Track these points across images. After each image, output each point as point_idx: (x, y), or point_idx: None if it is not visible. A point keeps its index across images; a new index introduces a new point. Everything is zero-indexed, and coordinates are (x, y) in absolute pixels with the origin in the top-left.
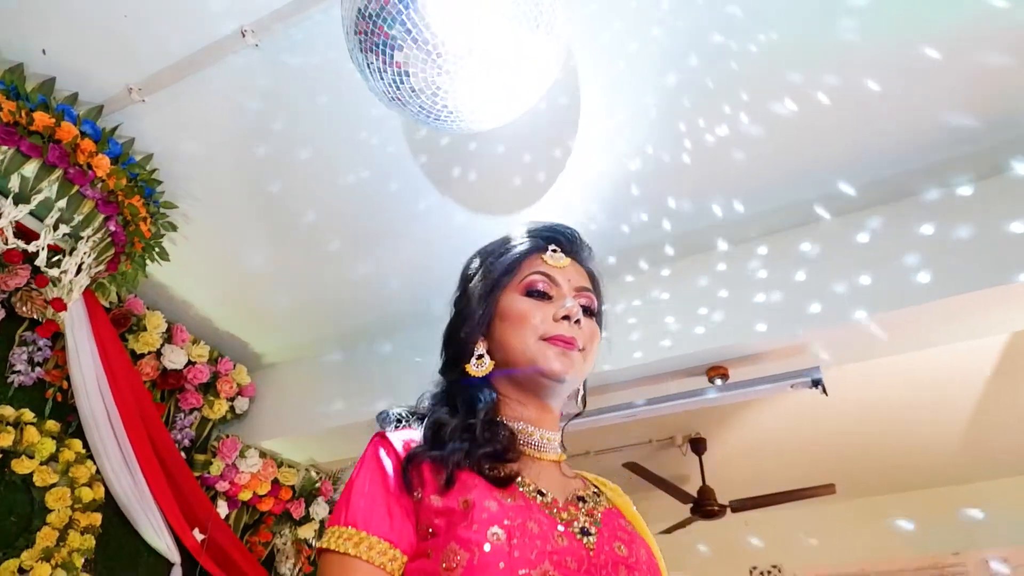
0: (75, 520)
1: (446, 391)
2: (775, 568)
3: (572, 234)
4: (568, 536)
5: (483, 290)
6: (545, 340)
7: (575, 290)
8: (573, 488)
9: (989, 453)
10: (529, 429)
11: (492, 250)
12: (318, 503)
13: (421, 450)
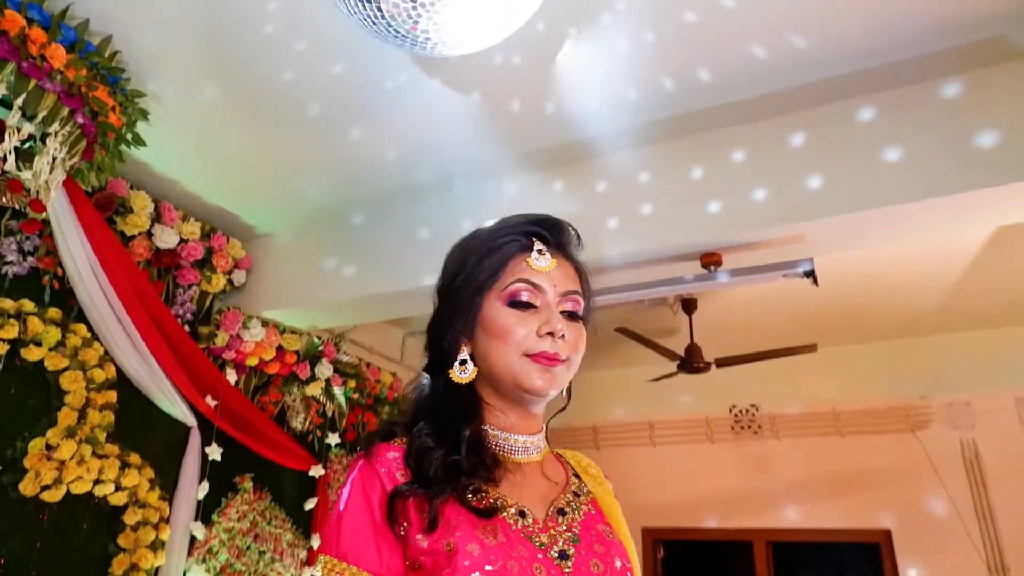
0: (92, 400)
1: (431, 397)
2: (753, 407)
3: (559, 227)
4: (545, 564)
5: (465, 296)
6: (528, 356)
7: (561, 296)
8: (554, 495)
9: (965, 308)
10: (513, 438)
11: (474, 249)
12: (322, 364)
13: (405, 488)
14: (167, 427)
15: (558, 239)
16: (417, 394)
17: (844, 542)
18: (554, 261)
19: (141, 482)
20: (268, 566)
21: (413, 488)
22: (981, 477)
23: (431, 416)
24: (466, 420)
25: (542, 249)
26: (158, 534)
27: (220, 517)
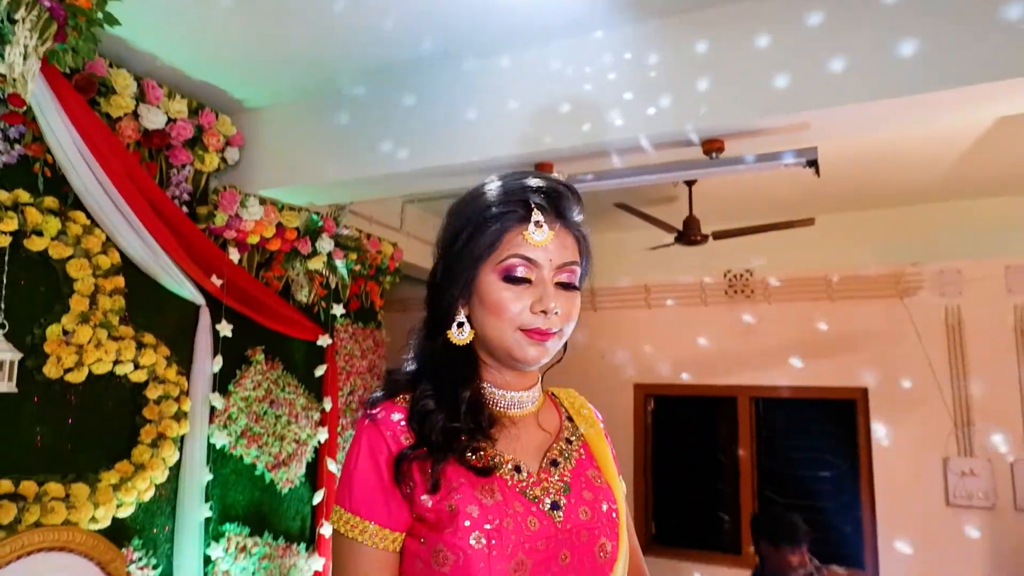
0: (100, 286)
1: (431, 356)
2: (747, 272)
3: (559, 195)
4: (538, 517)
5: (462, 264)
6: (522, 331)
7: (556, 268)
8: (548, 445)
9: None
10: (509, 394)
11: (473, 216)
12: (323, 239)
13: (409, 452)
14: (177, 307)
15: (558, 207)
16: (417, 350)
17: (823, 399)
18: (551, 233)
19: (158, 360)
20: (285, 428)
21: (416, 452)
22: (960, 341)
23: (431, 374)
24: (464, 381)
25: (539, 221)
26: (180, 406)
27: (236, 387)
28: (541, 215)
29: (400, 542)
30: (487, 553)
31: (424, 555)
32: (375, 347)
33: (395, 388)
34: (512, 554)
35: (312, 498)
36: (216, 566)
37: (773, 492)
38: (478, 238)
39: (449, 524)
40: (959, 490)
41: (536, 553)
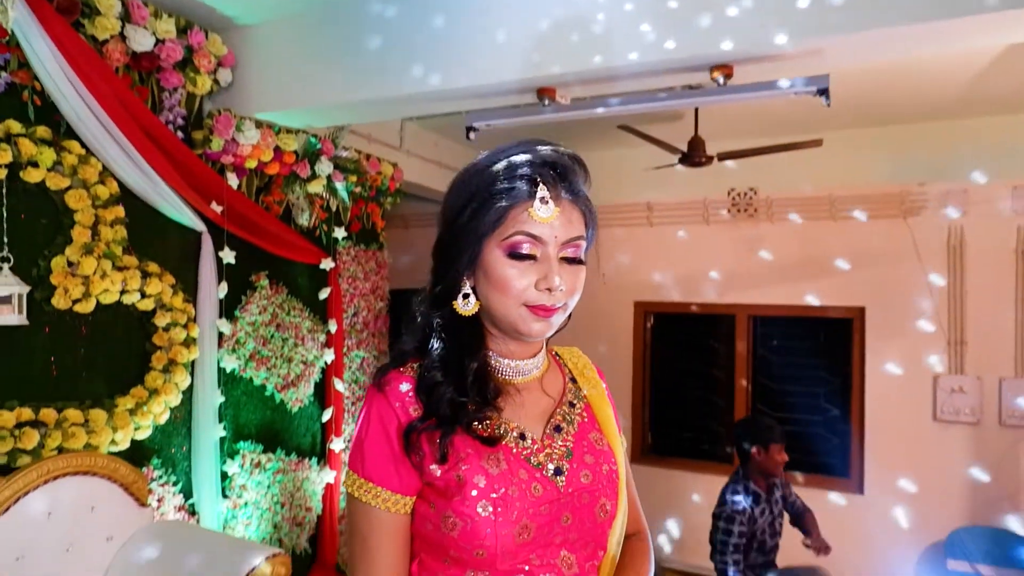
0: (101, 216)
1: (438, 325)
2: (751, 190)
3: (564, 168)
4: (542, 483)
5: (467, 238)
6: (527, 307)
7: (562, 244)
8: (552, 410)
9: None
10: (514, 363)
11: (478, 189)
12: (322, 161)
13: (418, 425)
14: (179, 235)
15: (565, 180)
16: (424, 318)
17: (820, 317)
18: (557, 209)
19: (164, 289)
20: (292, 350)
21: (425, 424)
22: (961, 261)
23: (438, 341)
24: (470, 352)
25: (545, 197)
26: (188, 333)
27: (242, 313)
28: (547, 190)
29: (411, 505)
30: (493, 520)
31: (434, 519)
32: (378, 269)
33: (402, 357)
34: (517, 519)
35: (321, 416)
36: (233, 481)
37: (765, 406)
38: (483, 214)
39: (457, 493)
40: (947, 406)
41: (540, 517)
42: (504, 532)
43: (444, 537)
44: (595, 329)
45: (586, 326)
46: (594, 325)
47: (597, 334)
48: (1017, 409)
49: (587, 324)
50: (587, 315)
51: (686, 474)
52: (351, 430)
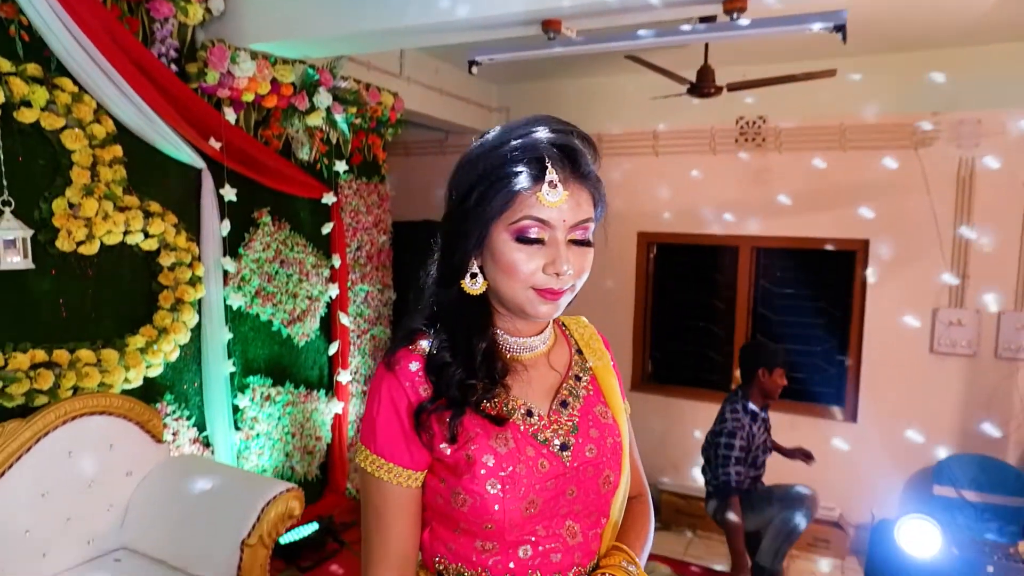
0: (99, 156)
1: (446, 304)
2: (760, 119)
3: (572, 150)
4: (548, 459)
5: (475, 220)
6: (535, 290)
7: (570, 228)
8: (558, 385)
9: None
10: (521, 341)
11: (486, 171)
12: (320, 93)
13: (428, 406)
14: (178, 172)
15: (573, 163)
16: (431, 295)
17: (824, 250)
18: (566, 193)
19: (167, 228)
20: (297, 286)
21: (435, 405)
22: (969, 193)
23: (446, 323)
24: (479, 332)
25: (554, 180)
26: (193, 271)
27: (246, 250)
28: (555, 174)
29: (421, 479)
30: (502, 497)
31: (444, 493)
32: (380, 202)
33: (411, 334)
34: (524, 495)
35: (328, 349)
36: (244, 414)
37: (764, 337)
38: (491, 197)
39: (467, 471)
40: (944, 339)
41: (546, 492)
42: (512, 507)
43: (454, 511)
44: (597, 259)
45: None
46: (597, 255)
47: (599, 264)
48: (1014, 342)
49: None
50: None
51: (684, 401)
52: (357, 362)
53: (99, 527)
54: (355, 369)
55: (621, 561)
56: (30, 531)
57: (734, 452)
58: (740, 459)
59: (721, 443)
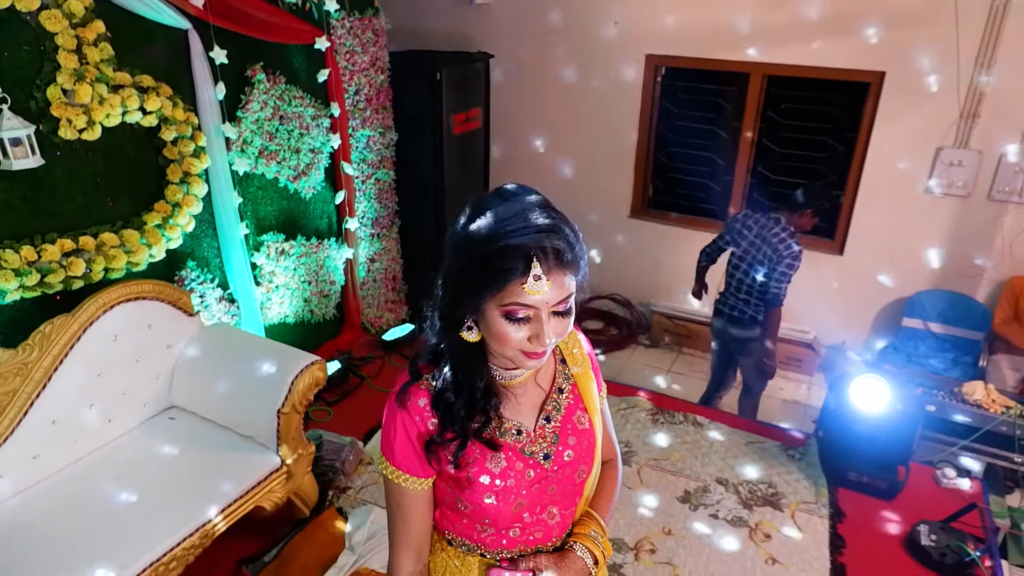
0: (83, 37)
1: (447, 348)
2: None
3: (556, 248)
4: (534, 468)
5: (469, 295)
6: (521, 352)
7: (552, 310)
8: (543, 401)
9: None
10: (512, 373)
11: (476, 259)
12: None
13: (437, 439)
14: (164, 38)
15: (556, 255)
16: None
17: (836, 80)
18: (549, 283)
19: (163, 102)
20: (299, 141)
21: (442, 439)
22: (999, 28)
23: (450, 363)
24: (477, 373)
25: (539, 275)
26: (195, 143)
27: (244, 112)
28: (540, 267)
29: (431, 482)
30: (496, 505)
31: (449, 498)
32: (375, 38)
33: (418, 372)
34: (514, 501)
35: (334, 198)
36: (262, 269)
37: (766, 169)
38: (483, 281)
39: (468, 487)
40: (942, 178)
41: (532, 494)
42: (504, 510)
43: (458, 510)
44: (604, 80)
45: (596, 76)
46: (603, 76)
47: (606, 86)
48: (1009, 184)
49: (597, 74)
50: (597, 66)
51: (680, 229)
52: (363, 207)
53: (151, 394)
54: (362, 214)
55: (590, 531)
56: (94, 404)
57: (792, 271)
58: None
59: (786, 262)
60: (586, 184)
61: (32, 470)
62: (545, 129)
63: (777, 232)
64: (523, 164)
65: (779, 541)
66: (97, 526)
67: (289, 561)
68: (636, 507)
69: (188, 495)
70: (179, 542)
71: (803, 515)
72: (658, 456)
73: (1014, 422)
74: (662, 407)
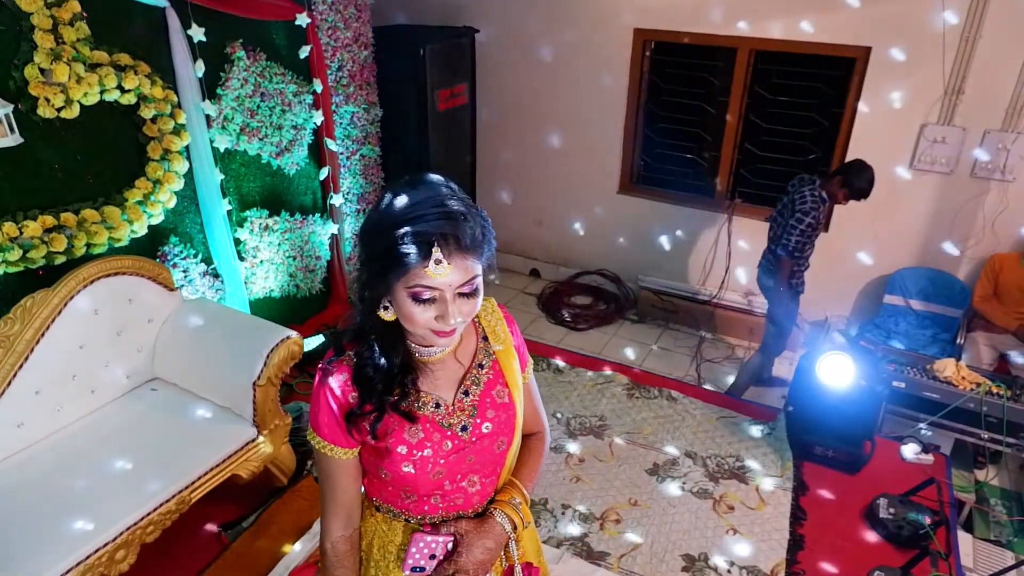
0: (58, 16)
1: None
2: None
3: (455, 234)
4: (451, 439)
5: (379, 277)
6: (430, 330)
7: (456, 291)
8: (462, 376)
9: None
10: (429, 350)
11: (384, 247)
12: None
13: (357, 412)
14: (142, 16)
15: (458, 240)
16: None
17: (823, 55)
18: (450, 267)
19: (141, 80)
20: (281, 117)
21: (361, 411)
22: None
23: (369, 340)
24: (394, 350)
25: (439, 259)
26: (175, 120)
27: (224, 90)
28: (440, 251)
29: (357, 451)
30: (414, 473)
31: (373, 468)
32: (358, 13)
33: (341, 348)
34: (431, 469)
35: (318, 175)
36: (246, 244)
37: (752, 145)
38: (390, 267)
39: (386, 456)
40: (925, 155)
41: (449, 463)
42: (421, 478)
43: (380, 478)
44: (592, 55)
45: (584, 52)
46: (591, 51)
47: (595, 60)
48: (992, 161)
49: (585, 50)
50: (585, 41)
51: (668, 205)
52: (348, 183)
53: (133, 366)
54: (347, 190)
55: (511, 498)
56: (76, 375)
57: (802, 225)
58: (804, 232)
59: (796, 215)
60: (575, 160)
61: (16, 438)
62: (533, 104)
63: (803, 191)
64: (509, 138)
65: (741, 513)
66: (79, 491)
67: (266, 526)
68: (605, 479)
69: (167, 463)
70: (156, 507)
71: (767, 488)
72: (630, 430)
73: (981, 399)
74: (639, 382)
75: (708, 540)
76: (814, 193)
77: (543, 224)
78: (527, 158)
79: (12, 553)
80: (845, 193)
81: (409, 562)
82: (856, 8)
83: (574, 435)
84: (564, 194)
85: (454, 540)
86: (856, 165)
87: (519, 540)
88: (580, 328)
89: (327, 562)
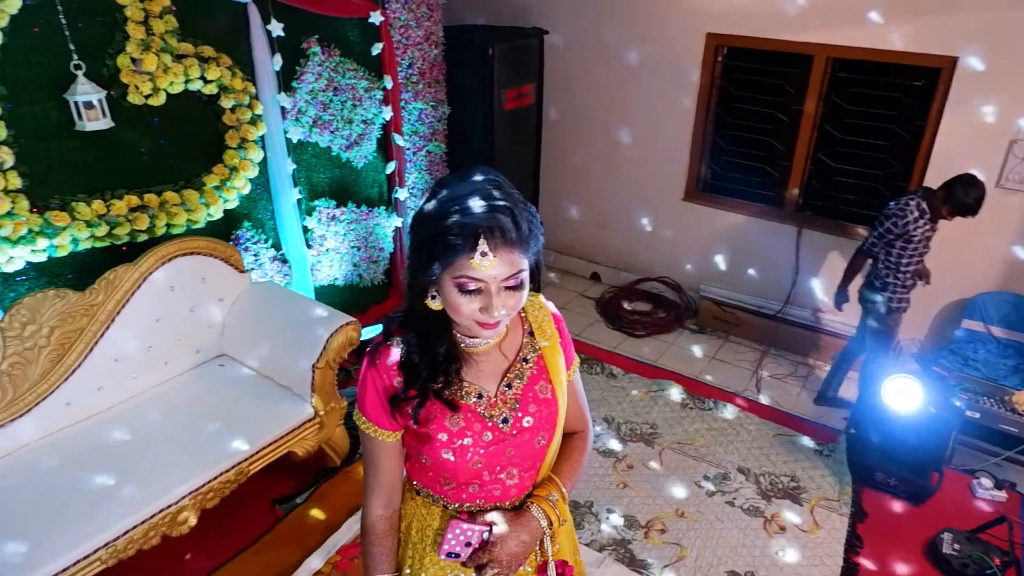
0: (149, 9)
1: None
2: None
3: (501, 226)
4: (492, 431)
5: (427, 267)
6: (475, 321)
7: (501, 284)
8: (506, 368)
9: None
10: (474, 340)
11: (433, 237)
12: None
13: (401, 396)
14: (225, 11)
15: (503, 234)
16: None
17: (906, 65)
18: (495, 260)
19: (223, 72)
20: (352, 111)
21: (406, 396)
22: None
23: (416, 328)
24: (439, 339)
25: (485, 252)
26: (252, 110)
27: (299, 83)
28: (486, 244)
29: (400, 435)
30: (453, 461)
31: (414, 453)
32: (430, 13)
33: (390, 333)
34: (471, 459)
35: (385, 168)
36: (314, 233)
37: (826, 156)
38: (437, 258)
39: (427, 442)
40: (1014, 173)
41: (489, 454)
42: (460, 466)
43: (421, 463)
44: (663, 59)
45: (655, 55)
46: (662, 55)
47: (665, 65)
48: None
49: (656, 54)
50: (657, 45)
51: (734, 215)
52: (413, 178)
53: (203, 341)
54: (412, 185)
55: (548, 494)
56: (152, 347)
57: (881, 228)
58: (882, 234)
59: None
60: (641, 164)
61: (96, 400)
62: (600, 107)
63: (906, 198)
64: (575, 140)
65: (793, 534)
66: (151, 455)
67: (318, 504)
68: (652, 487)
69: (229, 434)
70: (216, 475)
71: (822, 511)
72: (682, 440)
73: None
74: (695, 392)
75: (756, 559)
76: (908, 201)
77: (606, 228)
78: (593, 161)
79: (95, 502)
80: (948, 208)
81: (445, 547)
82: (942, 16)
83: (624, 441)
84: (628, 198)
85: (490, 530)
86: (964, 179)
87: (554, 536)
88: (638, 335)
89: (367, 539)
